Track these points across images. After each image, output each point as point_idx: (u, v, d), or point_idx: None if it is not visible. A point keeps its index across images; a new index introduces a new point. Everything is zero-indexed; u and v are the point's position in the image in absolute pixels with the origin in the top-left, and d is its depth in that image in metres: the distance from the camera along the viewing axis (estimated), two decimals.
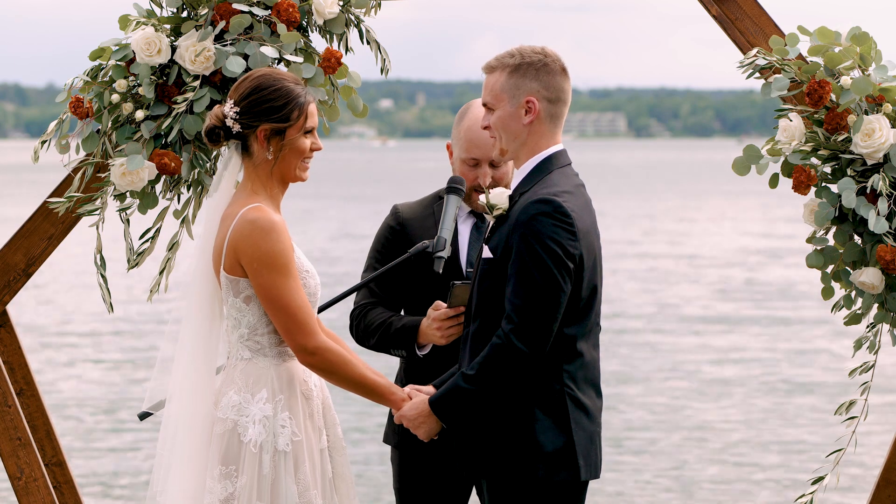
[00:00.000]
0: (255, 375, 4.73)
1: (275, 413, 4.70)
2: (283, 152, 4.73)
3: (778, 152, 5.11)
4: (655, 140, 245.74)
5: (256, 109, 4.70)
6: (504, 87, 4.77)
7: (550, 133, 4.78)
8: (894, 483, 5.34)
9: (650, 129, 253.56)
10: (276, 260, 4.65)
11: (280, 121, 4.71)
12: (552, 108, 4.78)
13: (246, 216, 4.67)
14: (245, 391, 4.72)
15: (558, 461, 4.62)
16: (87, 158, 5.31)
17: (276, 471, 4.68)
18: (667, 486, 12.02)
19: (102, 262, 5.34)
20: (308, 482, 4.71)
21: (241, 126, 4.71)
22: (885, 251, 4.99)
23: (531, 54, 4.80)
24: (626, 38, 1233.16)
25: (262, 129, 4.70)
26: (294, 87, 4.73)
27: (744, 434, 14.08)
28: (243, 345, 4.75)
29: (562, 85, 4.80)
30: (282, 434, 4.69)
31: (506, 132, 4.78)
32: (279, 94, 4.71)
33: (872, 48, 5.09)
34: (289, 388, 4.74)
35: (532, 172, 4.75)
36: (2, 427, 5.49)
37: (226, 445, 4.70)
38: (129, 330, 21.54)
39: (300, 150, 4.76)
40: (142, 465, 12.68)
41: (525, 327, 4.53)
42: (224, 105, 4.74)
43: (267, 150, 4.72)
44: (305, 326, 4.67)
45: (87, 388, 16.67)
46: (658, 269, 31.13)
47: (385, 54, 5.38)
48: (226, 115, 4.72)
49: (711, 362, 18.45)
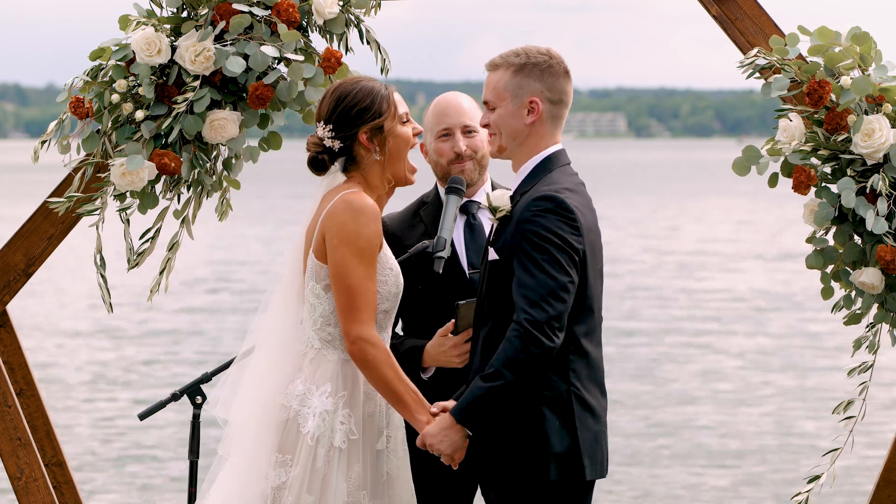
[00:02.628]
0: (322, 367, 4.76)
1: (335, 409, 4.72)
2: (391, 145, 4.79)
3: (778, 152, 5.11)
4: (655, 140, 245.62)
5: (350, 116, 4.76)
6: (507, 86, 4.77)
7: (551, 134, 4.79)
8: (894, 483, 5.34)
9: (650, 129, 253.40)
10: (358, 241, 4.68)
11: (376, 116, 4.76)
12: (554, 110, 4.78)
13: (344, 197, 4.72)
14: (311, 382, 4.75)
15: (565, 462, 4.62)
16: (87, 158, 5.31)
17: (329, 466, 4.69)
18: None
19: (102, 262, 5.34)
20: (359, 482, 4.72)
21: (342, 140, 4.77)
22: (885, 251, 4.99)
23: (536, 55, 4.80)
24: (626, 38, 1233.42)
25: (362, 133, 4.77)
26: (371, 83, 4.80)
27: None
28: (315, 333, 4.79)
29: (564, 87, 4.81)
30: (339, 430, 4.71)
31: (506, 130, 4.78)
32: (363, 94, 4.77)
33: (872, 48, 5.09)
34: (353, 386, 4.76)
35: (533, 172, 4.75)
36: (2, 427, 5.48)
37: (285, 433, 4.72)
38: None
39: (405, 138, 4.83)
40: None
41: (539, 316, 4.52)
42: (315, 132, 4.78)
43: (374, 151, 4.78)
44: (358, 313, 4.67)
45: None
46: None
47: (385, 54, 5.38)
48: (322, 139, 4.77)
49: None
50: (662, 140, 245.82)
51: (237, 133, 5.23)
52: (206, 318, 22.89)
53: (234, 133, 5.22)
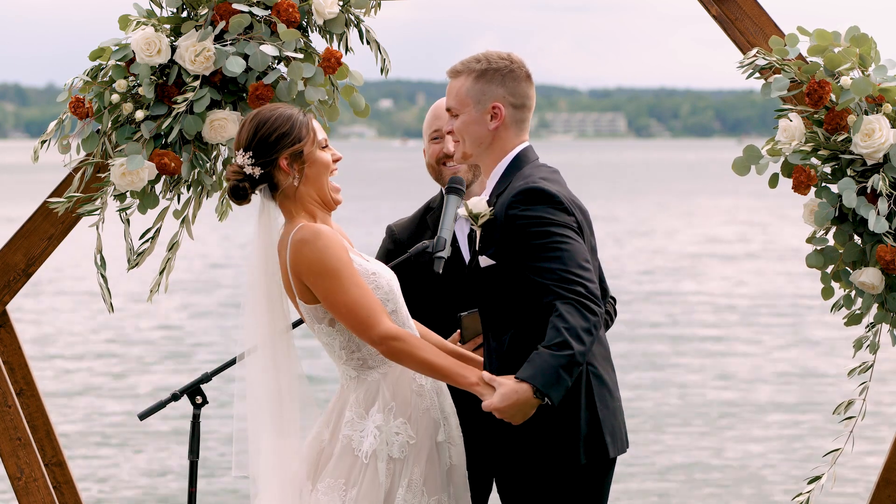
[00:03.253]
0: (364, 391, 4.78)
1: (387, 421, 4.73)
2: (310, 170, 4.78)
3: (778, 152, 5.11)
4: (655, 140, 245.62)
5: (269, 142, 4.75)
6: (470, 92, 4.79)
7: (516, 136, 4.82)
8: (894, 483, 5.34)
9: (650, 129, 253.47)
10: (326, 265, 4.68)
11: (296, 141, 4.76)
12: (517, 114, 4.81)
13: (294, 237, 4.72)
14: (358, 406, 4.76)
15: (590, 443, 4.64)
16: (87, 158, 5.31)
17: (392, 479, 4.71)
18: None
19: (102, 262, 5.34)
20: (420, 482, 4.73)
21: (262, 166, 4.76)
22: (885, 251, 4.99)
23: (497, 60, 4.82)
24: (626, 38, 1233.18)
25: (282, 159, 4.75)
26: (288, 109, 4.80)
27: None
28: (347, 365, 4.80)
29: (527, 91, 4.83)
30: (396, 441, 4.73)
31: (469, 136, 4.80)
32: (282, 120, 4.77)
33: (872, 48, 5.09)
34: (400, 394, 4.77)
35: (505, 173, 4.79)
36: (2, 427, 5.48)
37: (338, 460, 4.73)
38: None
39: (325, 162, 4.82)
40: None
41: (581, 289, 4.52)
42: (234, 161, 4.77)
43: (293, 177, 4.77)
44: (368, 320, 4.67)
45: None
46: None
47: (385, 54, 5.38)
48: (242, 166, 4.76)
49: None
50: (662, 140, 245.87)
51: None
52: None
53: (234, 133, 5.22)
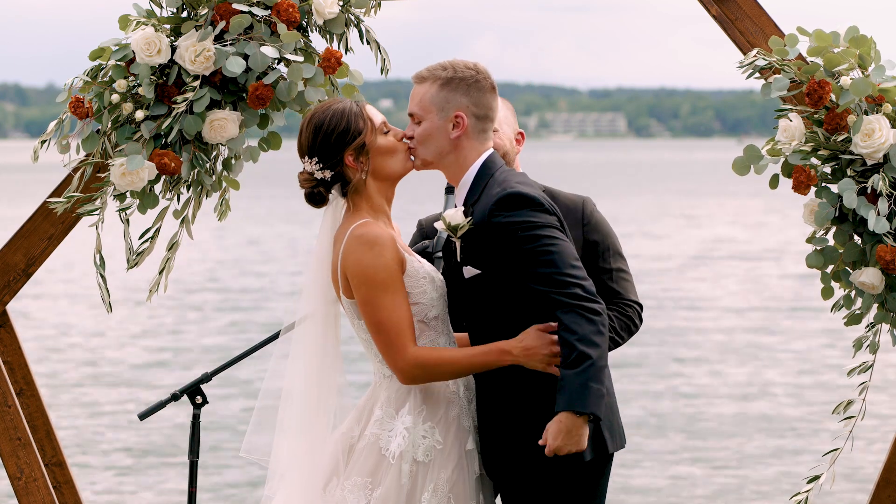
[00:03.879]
0: (396, 391, 4.78)
1: (415, 424, 4.73)
2: (376, 160, 4.79)
3: (778, 152, 5.11)
4: (655, 140, 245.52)
5: (331, 144, 4.76)
6: (434, 100, 4.79)
7: (479, 145, 4.82)
8: (894, 483, 5.34)
9: (650, 129, 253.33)
10: (376, 275, 4.68)
11: (356, 135, 4.77)
12: (479, 125, 4.81)
13: (353, 233, 4.73)
14: (388, 406, 4.76)
15: (591, 439, 4.65)
16: (87, 158, 5.31)
17: (414, 481, 4.70)
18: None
19: (102, 262, 5.34)
20: (446, 489, 4.72)
21: (331, 167, 4.77)
22: (885, 251, 4.99)
23: (464, 69, 4.81)
24: (626, 38, 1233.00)
25: (348, 157, 4.76)
26: (339, 104, 4.80)
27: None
28: (382, 364, 4.80)
29: (490, 103, 4.83)
30: (422, 445, 4.72)
31: (430, 144, 4.80)
32: (337, 118, 4.78)
33: (871, 49, 5.08)
34: (432, 399, 4.77)
35: (475, 181, 4.79)
36: (2, 427, 5.48)
37: (364, 458, 4.73)
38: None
39: (389, 148, 4.82)
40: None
41: (578, 290, 4.54)
42: (304, 167, 4.79)
43: (361, 170, 4.78)
44: (394, 345, 4.69)
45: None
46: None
47: (385, 54, 5.38)
48: (312, 172, 4.78)
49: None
50: (662, 140, 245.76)
51: (237, 133, 5.23)
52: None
53: (234, 133, 5.22)
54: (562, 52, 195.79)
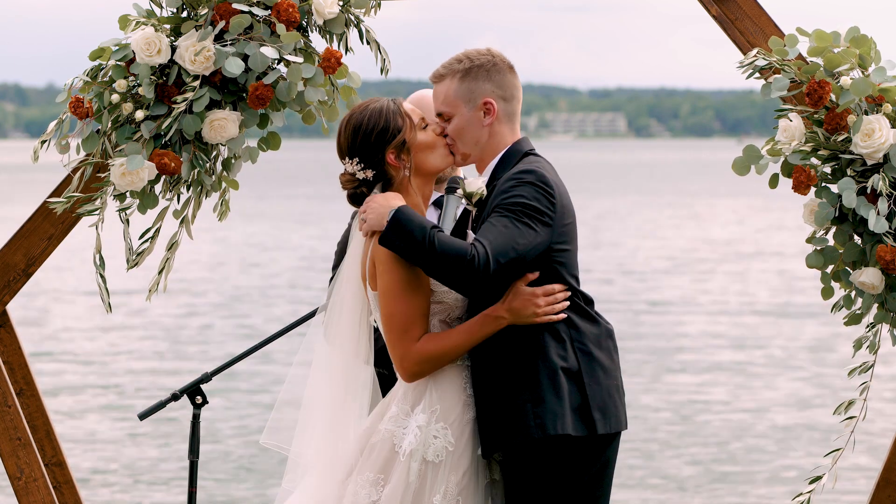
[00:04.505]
0: (413, 388, 4.78)
1: (428, 423, 4.73)
2: (418, 156, 4.81)
3: (778, 152, 5.11)
4: (655, 140, 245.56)
5: (371, 143, 4.78)
6: (458, 93, 4.79)
7: (510, 131, 4.84)
8: (894, 483, 5.34)
9: (650, 129, 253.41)
10: (395, 264, 4.69)
11: (395, 134, 4.77)
12: (508, 107, 4.82)
13: None
14: (404, 403, 4.77)
15: (578, 416, 4.67)
16: (87, 158, 5.31)
17: (422, 480, 4.70)
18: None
19: (101, 262, 5.34)
20: (455, 492, 4.72)
21: (373, 167, 4.78)
22: (885, 251, 4.99)
23: (479, 56, 4.82)
24: (626, 38, 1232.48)
25: (389, 155, 4.77)
26: (376, 103, 4.81)
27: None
28: None
29: (513, 82, 4.85)
30: (433, 444, 4.72)
31: (466, 136, 4.81)
32: (375, 117, 4.79)
33: (872, 49, 5.08)
34: (447, 400, 4.76)
35: (502, 161, 4.80)
36: (2, 427, 5.48)
37: (377, 453, 4.74)
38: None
39: (429, 144, 4.83)
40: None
41: (492, 251, 4.55)
42: (345, 168, 4.80)
43: (404, 167, 4.79)
44: (401, 340, 4.71)
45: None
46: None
47: (385, 54, 5.38)
48: (354, 173, 4.79)
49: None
50: (662, 140, 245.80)
51: (237, 133, 5.23)
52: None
53: (234, 133, 5.21)
54: (562, 52, 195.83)
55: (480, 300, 4.77)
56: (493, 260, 4.54)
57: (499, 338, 4.71)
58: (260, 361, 17.43)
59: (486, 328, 4.69)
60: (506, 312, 4.68)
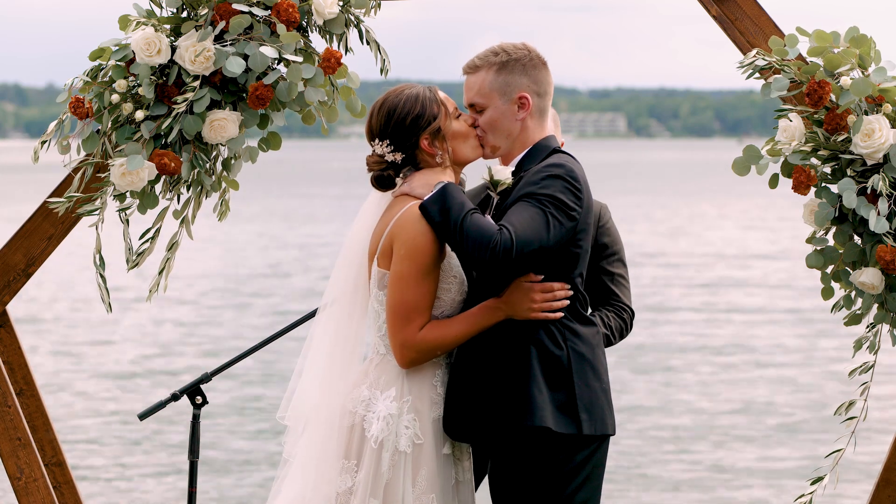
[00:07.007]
0: (386, 373, 4.79)
1: (400, 413, 4.74)
2: (453, 144, 4.81)
3: (778, 152, 5.11)
4: (655, 140, 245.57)
5: (406, 126, 4.78)
6: (493, 85, 4.79)
7: (539, 126, 4.86)
8: (894, 483, 5.34)
9: (650, 130, 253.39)
10: (425, 258, 4.70)
11: (431, 120, 4.78)
12: (540, 103, 4.85)
13: (414, 208, 4.73)
14: (375, 387, 4.77)
15: (563, 413, 4.68)
16: (87, 158, 5.31)
17: (395, 471, 4.71)
18: None
19: (101, 262, 5.34)
20: (426, 486, 4.73)
21: (403, 150, 4.79)
22: (885, 251, 4.99)
23: (515, 50, 4.83)
24: (626, 38, 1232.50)
25: (423, 140, 4.78)
26: (412, 89, 4.82)
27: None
28: (381, 339, 4.82)
29: (547, 78, 4.87)
30: (404, 435, 4.73)
31: (499, 129, 4.82)
32: (412, 102, 4.79)
33: (871, 49, 5.08)
34: (418, 391, 4.77)
35: (529, 155, 4.81)
36: (2, 427, 5.48)
37: (348, 439, 4.75)
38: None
39: (463, 134, 4.83)
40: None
41: (512, 235, 4.56)
42: (373, 150, 4.80)
43: (438, 154, 4.80)
44: (407, 326, 4.72)
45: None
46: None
47: (385, 55, 5.38)
48: (383, 155, 4.80)
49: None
50: (662, 140, 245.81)
51: (237, 133, 5.23)
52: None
53: (234, 133, 5.22)
54: (562, 52, 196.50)
55: (482, 292, 4.79)
56: (516, 246, 4.56)
57: (494, 330, 4.73)
58: (260, 361, 17.45)
59: (484, 319, 4.72)
60: (503, 304, 4.70)
